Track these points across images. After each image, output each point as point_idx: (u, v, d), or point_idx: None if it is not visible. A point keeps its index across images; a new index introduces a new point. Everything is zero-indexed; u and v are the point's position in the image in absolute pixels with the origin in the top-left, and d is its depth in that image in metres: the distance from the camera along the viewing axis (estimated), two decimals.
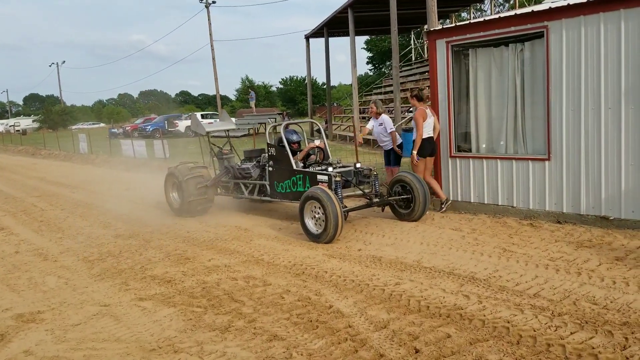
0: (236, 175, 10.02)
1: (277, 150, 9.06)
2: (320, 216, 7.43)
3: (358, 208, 8.29)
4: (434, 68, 8.76)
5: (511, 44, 7.92)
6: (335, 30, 30.25)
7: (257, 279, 6.18)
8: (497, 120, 8.27)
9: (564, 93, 7.28)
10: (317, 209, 7.47)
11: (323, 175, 8.12)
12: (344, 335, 4.49)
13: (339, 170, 8.29)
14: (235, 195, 10.22)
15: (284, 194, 8.99)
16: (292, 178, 8.67)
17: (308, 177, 8.38)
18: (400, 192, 8.37)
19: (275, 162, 9.10)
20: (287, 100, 78.69)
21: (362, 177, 8.52)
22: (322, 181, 8.07)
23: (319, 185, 7.94)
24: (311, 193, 7.50)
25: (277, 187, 9.08)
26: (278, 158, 9.02)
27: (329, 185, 7.88)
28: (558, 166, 7.44)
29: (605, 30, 6.77)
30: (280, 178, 8.97)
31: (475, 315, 4.70)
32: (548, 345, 4.06)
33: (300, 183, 8.51)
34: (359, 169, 8.58)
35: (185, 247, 7.94)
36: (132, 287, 6.20)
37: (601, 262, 5.84)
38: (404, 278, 5.81)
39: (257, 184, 9.63)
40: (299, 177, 8.55)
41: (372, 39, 46.86)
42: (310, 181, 8.32)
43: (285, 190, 8.91)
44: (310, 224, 7.66)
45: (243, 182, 9.91)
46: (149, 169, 19.15)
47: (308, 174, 8.42)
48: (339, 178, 7.93)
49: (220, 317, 5.11)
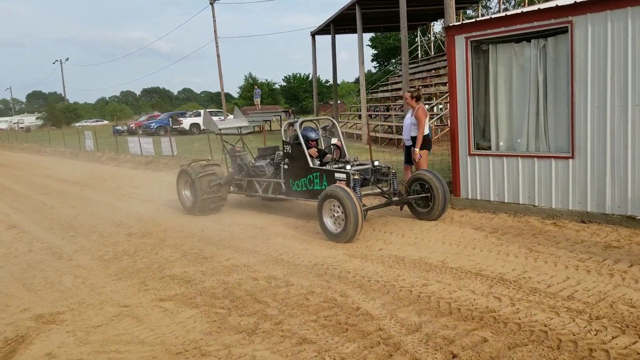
0: (250, 173, 9.88)
1: (293, 148, 8.87)
2: (340, 215, 7.26)
3: (377, 207, 8.13)
4: (453, 64, 8.60)
5: (533, 40, 7.76)
6: (342, 27, 30.09)
7: (279, 279, 6.05)
8: (518, 118, 8.11)
9: (588, 90, 7.13)
10: (336, 207, 7.30)
11: (341, 174, 7.94)
12: (376, 338, 4.35)
13: (357, 169, 8.11)
14: (248, 193, 10.08)
15: (299, 192, 8.80)
16: (309, 176, 8.51)
17: (325, 175, 8.22)
18: (419, 191, 8.21)
19: (291, 159, 8.93)
20: (291, 97, 78.45)
21: (380, 175, 8.35)
22: (340, 179, 7.89)
23: (337, 183, 7.78)
24: (330, 191, 7.34)
25: (293, 185, 8.89)
26: (294, 156, 8.84)
27: (347, 184, 7.70)
28: (582, 164, 7.30)
29: (633, 25, 6.62)
30: (296, 176, 8.79)
31: (510, 318, 4.57)
32: (590, 350, 3.93)
33: (317, 181, 8.34)
34: (377, 166, 8.40)
35: (202, 246, 7.82)
36: (151, 287, 6.08)
37: (633, 263, 5.70)
38: (430, 279, 5.67)
39: (271, 182, 9.44)
40: (316, 175, 8.38)
41: (377, 36, 46.65)
42: (327, 179, 8.16)
43: (301, 188, 8.73)
44: (329, 223, 7.50)
45: (257, 180, 9.73)
46: (157, 167, 19.05)
47: (325, 172, 8.25)
48: (358, 176, 7.75)
49: (245, 318, 4.99)
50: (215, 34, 41.70)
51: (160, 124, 41.62)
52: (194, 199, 10.01)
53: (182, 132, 39.08)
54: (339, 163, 8.63)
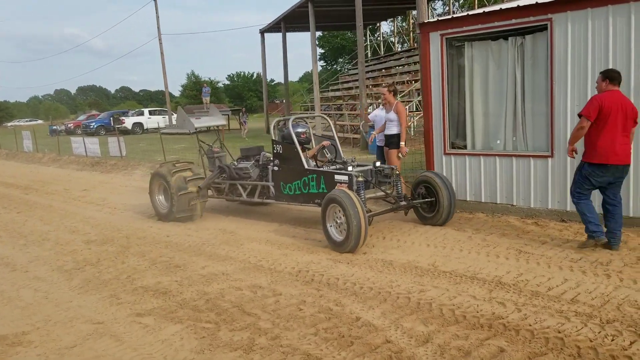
0: (232, 175, 9.03)
1: (284, 148, 8.09)
2: (342, 222, 6.61)
3: (383, 212, 7.40)
4: (427, 62, 8.43)
5: (511, 37, 7.68)
6: (293, 25, 29.74)
7: (265, 288, 5.67)
8: (495, 117, 8.03)
9: (568, 88, 7.09)
10: (339, 213, 6.63)
11: (342, 175, 7.22)
12: (387, 352, 4.06)
13: (359, 170, 7.50)
14: (230, 197, 9.31)
15: (292, 197, 8.05)
16: (304, 178, 7.75)
17: (323, 178, 7.49)
18: (424, 195, 7.62)
19: (282, 161, 8.17)
20: (235, 96, 77.40)
21: (382, 177, 7.68)
22: (341, 182, 7.17)
23: (337, 186, 7.15)
24: (333, 196, 6.68)
25: (284, 189, 8.14)
26: (285, 156, 8.07)
27: (349, 187, 7.03)
28: (562, 163, 7.26)
29: (614, 23, 6.61)
30: (288, 178, 8.04)
31: (520, 325, 4.38)
32: (612, 357, 3.77)
33: (314, 184, 7.62)
34: (379, 167, 7.71)
35: (171, 253, 7.32)
36: (124, 300, 5.58)
37: (625, 262, 5.66)
38: (426, 284, 5.44)
39: (258, 185, 8.69)
40: (312, 177, 7.63)
41: (324, 35, 46.51)
42: (325, 182, 7.45)
43: (294, 192, 7.98)
44: (332, 230, 6.83)
45: (240, 183, 8.96)
46: (105, 168, 18.17)
47: (323, 173, 7.52)
48: (362, 178, 7.07)
49: (237, 333, 4.60)
50: (159, 31, 40.48)
51: (100, 124, 40.11)
52: (170, 205, 9.13)
53: (124, 131, 37.69)
54: (336, 164, 8.02)
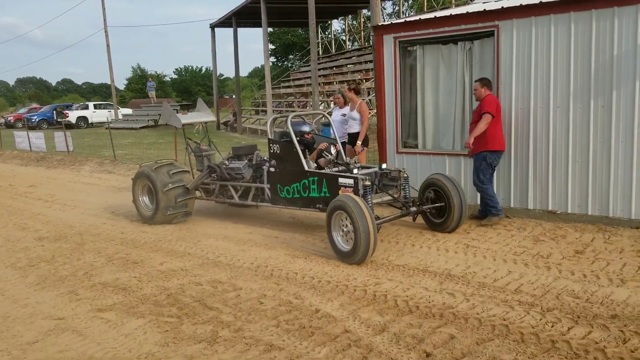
0: (224, 176, 8.43)
1: (282, 148, 7.50)
2: (349, 230, 6.14)
3: (392, 219, 6.89)
4: (381, 64, 8.72)
5: (460, 42, 8.05)
6: (244, 21, 29.66)
7: (225, 283, 5.80)
8: (445, 117, 8.39)
9: (513, 91, 7.51)
10: (346, 221, 6.16)
11: (347, 179, 6.73)
12: (346, 341, 4.28)
13: (364, 172, 7.05)
14: (219, 199, 8.75)
15: (290, 200, 7.50)
16: (303, 181, 7.21)
17: (325, 181, 6.96)
18: (433, 199, 7.15)
19: (279, 161, 7.59)
20: (182, 91, 76.14)
21: (388, 180, 7.25)
22: (346, 185, 6.69)
23: (341, 190, 6.72)
24: (339, 202, 6.19)
25: (281, 192, 7.58)
26: (283, 157, 7.50)
27: (354, 191, 6.57)
28: (506, 163, 7.68)
29: (555, 31, 7.05)
30: (286, 181, 7.48)
31: (469, 313, 4.68)
32: (553, 342, 4.11)
33: (314, 187, 7.10)
34: (384, 170, 7.24)
35: (127, 249, 7.33)
36: (83, 296, 5.59)
37: (564, 255, 6.08)
38: (381, 277, 5.70)
39: (251, 187, 8.11)
40: (313, 180, 7.10)
41: (274, 31, 46.43)
42: (327, 185, 6.93)
43: (292, 195, 7.43)
44: (339, 240, 6.33)
45: (232, 185, 8.38)
46: (51, 163, 17.73)
47: (325, 176, 7.00)
48: (368, 182, 6.57)
49: (200, 326, 4.72)
50: (105, 23, 39.57)
51: (43, 117, 38.84)
52: (156, 207, 8.48)
53: (68, 125, 36.66)
54: (338, 166, 7.48)
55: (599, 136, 6.92)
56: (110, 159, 17.10)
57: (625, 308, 4.63)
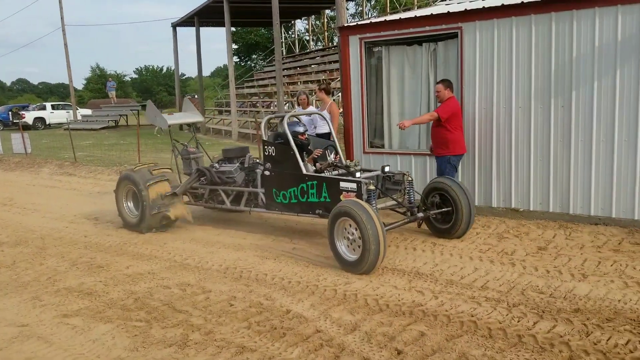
0: (214, 180, 7.95)
1: (277, 150, 7.06)
2: (355, 238, 5.79)
3: (399, 225, 6.55)
4: (347, 64, 8.77)
5: (425, 43, 8.16)
6: (207, 20, 29.42)
7: (193, 285, 5.75)
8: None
9: (476, 92, 7.66)
10: (351, 228, 5.81)
11: (349, 183, 6.34)
12: (318, 341, 4.30)
13: (367, 176, 6.71)
14: (209, 204, 8.28)
15: (287, 206, 7.05)
16: (301, 185, 6.79)
17: (325, 185, 6.56)
18: (439, 204, 6.81)
19: (274, 164, 7.12)
20: (143, 90, 75.06)
21: (392, 184, 6.85)
22: (348, 190, 6.31)
23: (343, 195, 6.33)
24: (344, 208, 5.79)
25: (277, 197, 7.12)
26: (279, 159, 7.04)
27: (357, 195, 6.19)
28: (470, 162, 7.83)
29: (517, 33, 7.22)
30: (282, 185, 7.03)
31: (438, 311, 4.76)
32: (519, 337, 4.22)
33: (314, 192, 6.68)
34: (388, 173, 6.84)
35: (91, 253, 7.18)
36: (47, 302, 5.45)
37: (527, 252, 6.23)
38: (351, 277, 5.73)
39: (244, 192, 7.70)
40: (312, 184, 6.69)
41: (237, 30, 46.14)
42: (328, 190, 6.53)
43: (289, 200, 6.99)
44: (342, 248, 5.95)
45: (223, 189, 7.91)
46: (8, 166, 17.21)
47: (325, 180, 6.59)
48: (373, 186, 6.25)
49: (170, 330, 4.67)
50: (62, 21, 38.62)
51: None
52: (141, 213, 8.01)
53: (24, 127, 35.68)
54: (338, 168, 7.04)
55: (559, 135, 7.12)
56: (71, 160, 16.71)
57: (587, 302, 4.78)
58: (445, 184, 6.74)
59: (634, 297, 4.85)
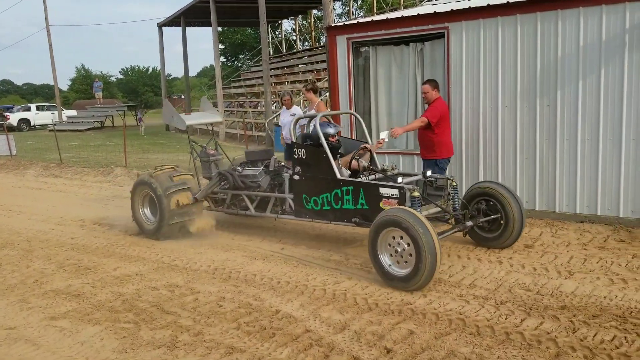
0: (237, 184, 7.49)
1: (308, 152, 6.62)
2: (403, 250, 5.25)
3: (449, 233, 6.01)
4: (335, 64, 8.79)
5: (412, 43, 8.20)
6: (193, 20, 29.32)
7: (182, 286, 5.73)
8: (398, 117, 8.54)
9: (463, 92, 7.71)
10: (399, 239, 5.28)
11: (391, 189, 5.87)
12: (307, 340, 4.31)
13: (408, 181, 6.22)
14: (231, 210, 7.79)
15: (318, 212, 6.58)
16: (335, 191, 6.33)
17: (363, 191, 6.12)
18: (486, 211, 6.30)
19: (305, 168, 6.64)
20: (129, 91, 74.59)
21: (434, 190, 6.37)
22: (388, 197, 5.87)
23: (382, 202, 5.91)
24: (392, 217, 5.29)
25: (308, 203, 6.65)
26: (310, 163, 6.59)
27: (399, 203, 5.75)
28: (457, 161, 7.87)
29: (502, 33, 7.28)
30: (314, 191, 6.55)
31: (426, 309, 4.79)
32: (507, 334, 4.25)
33: (349, 198, 6.23)
34: (429, 177, 6.26)
35: (78, 255, 7.12)
36: (35, 304, 5.40)
37: (514, 250, 6.28)
38: (339, 276, 5.75)
39: (271, 198, 7.25)
40: (347, 189, 6.23)
41: (224, 30, 46.02)
42: (365, 196, 6.07)
43: (321, 207, 6.52)
44: (386, 261, 5.41)
45: (247, 194, 7.47)
46: None
47: (363, 185, 6.13)
48: (418, 193, 5.74)
49: (159, 332, 4.65)
50: (47, 22, 38.27)
51: None
52: (160, 220, 7.55)
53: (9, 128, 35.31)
54: (374, 172, 6.64)
55: (544, 134, 7.19)
56: (56, 162, 16.57)
57: (573, 299, 4.84)
58: (493, 189, 6.25)
59: (620, 293, 4.91)
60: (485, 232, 6.40)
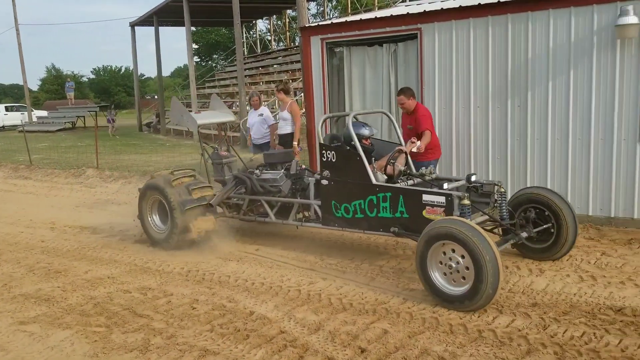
0: (256, 189, 6.99)
1: (338, 155, 6.06)
2: (459, 266, 4.71)
3: (504, 246, 5.45)
4: (309, 64, 8.79)
5: (385, 44, 8.24)
6: (166, 20, 29.01)
7: (154, 289, 5.66)
8: (373, 117, 8.55)
9: (436, 92, 7.78)
10: (453, 253, 4.75)
11: (436, 196, 5.36)
12: (282, 342, 4.30)
13: (453, 186, 5.66)
14: (249, 217, 7.21)
15: (350, 221, 6.02)
16: (370, 197, 5.79)
17: (402, 198, 5.57)
18: (536, 220, 5.75)
19: (334, 172, 6.09)
20: (101, 91, 73.42)
21: (479, 196, 5.74)
22: (433, 205, 5.36)
23: (426, 210, 5.40)
24: (444, 228, 4.75)
25: (337, 211, 6.08)
26: (341, 166, 6.02)
27: (445, 211, 5.25)
28: None
29: (474, 34, 7.36)
30: (345, 197, 6.00)
31: (400, 308, 4.82)
32: (479, 331, 4.31)
33: (386, 206, 5.68)
34: (474, 183, 5.73)
35: (48, 259, 6.99)
36: (3, 309, 5.29)
37: None
38: (314, 277, 5.75)
39: (294, 204, 6.70)
40: (384, 196, 5.68)
41: (197, 30, 45.67)
42: (405, 203, 5.53)
43: (353, 215, 5.97)
44: (439, 279, 4.86)
45: (266, 200, 6.92)
46: None
47: (402, 192, 5.58)
48: (468, 200, 5.22)
49: (131, 335, 4.59)
50: (16, 21, 37.48)
51: None
52: (170, 228, 6.91)
53: None
54: (412, 177, 6.11)
55: (515, 134, 7.29)
56: (26, 164, 16.25)
57: (544, 296, 4.91)
58: (543, 195, 5.71)
59: (589, 290, 5.01)
60: (534, 242, 5.86)
